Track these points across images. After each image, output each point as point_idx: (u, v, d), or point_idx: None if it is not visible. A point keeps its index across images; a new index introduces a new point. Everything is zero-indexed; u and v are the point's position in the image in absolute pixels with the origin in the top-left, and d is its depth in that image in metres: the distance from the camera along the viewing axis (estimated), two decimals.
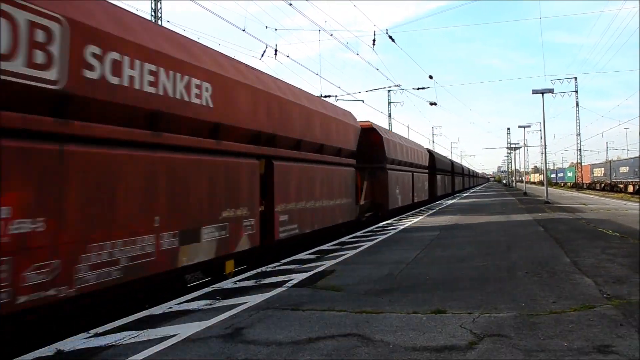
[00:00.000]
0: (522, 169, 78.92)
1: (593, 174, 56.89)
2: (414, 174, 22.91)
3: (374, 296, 5.78)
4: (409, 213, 20.54)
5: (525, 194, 39.98)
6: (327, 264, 8.21)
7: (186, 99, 6.67)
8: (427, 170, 27.74)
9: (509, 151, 73.69)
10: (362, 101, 32.53)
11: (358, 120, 15.58)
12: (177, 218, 6.47)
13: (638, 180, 40.08)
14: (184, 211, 6.62)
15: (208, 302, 5.79)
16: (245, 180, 8.25)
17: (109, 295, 5.59)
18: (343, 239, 11.95)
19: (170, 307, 5.60)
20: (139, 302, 6.20)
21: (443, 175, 35.63)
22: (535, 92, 25.41)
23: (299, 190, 10.31)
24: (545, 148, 29.73)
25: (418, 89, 30.84)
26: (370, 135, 16.34)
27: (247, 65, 9.11)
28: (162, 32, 7.03)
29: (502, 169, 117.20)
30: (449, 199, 33.75)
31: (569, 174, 71.53)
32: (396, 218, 17.97)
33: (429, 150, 30.67)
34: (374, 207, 16.80)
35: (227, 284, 6.91)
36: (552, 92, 27.54)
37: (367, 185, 16.23)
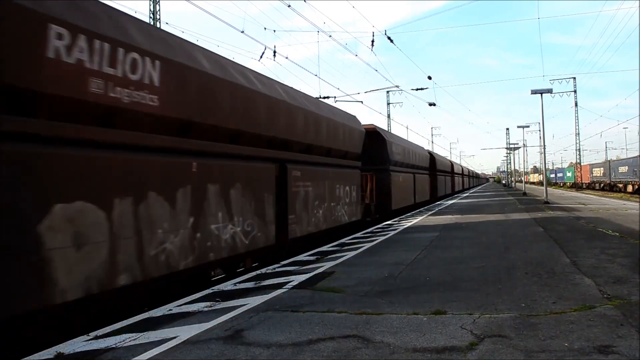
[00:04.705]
0: (522, 169, 78.84)
1: (592, 173, 56.90)
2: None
3: (374, 297, 5.78)
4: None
5: (524, 194, 40.01)
6: (326, 265, 8.21)
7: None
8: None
9: (508, 151, 73.70)
10: (361, 102, 32.54)
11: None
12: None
13: (637, 179, 40.11)
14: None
15: (208, 304, 5.79)
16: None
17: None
18: (343, 240, 11.96)
19: (170, 309, 5.59)
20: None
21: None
22: (534, 92, 25.43)
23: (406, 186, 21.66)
24: (544, 148, 29.72)
25: (417, 89, 30.91)
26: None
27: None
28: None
29: (501, 169, 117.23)
30: (450, 199, 34.46)
31: (568, 174, 71.52)
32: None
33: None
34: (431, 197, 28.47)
35: (227, 285, 6.90)
36: (551, 92, 27.51)
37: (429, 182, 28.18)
